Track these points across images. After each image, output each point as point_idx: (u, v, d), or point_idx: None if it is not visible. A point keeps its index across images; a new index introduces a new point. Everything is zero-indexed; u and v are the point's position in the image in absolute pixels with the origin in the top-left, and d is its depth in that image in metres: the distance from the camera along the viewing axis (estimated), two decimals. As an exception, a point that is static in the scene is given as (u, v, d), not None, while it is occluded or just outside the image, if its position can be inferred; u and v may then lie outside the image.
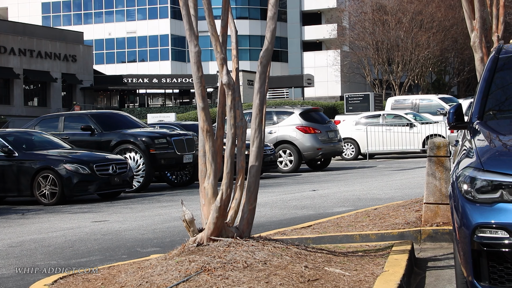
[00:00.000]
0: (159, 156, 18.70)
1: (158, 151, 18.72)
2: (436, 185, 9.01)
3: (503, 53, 6.89)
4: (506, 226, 4.93)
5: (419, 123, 28.72)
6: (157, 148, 18.72)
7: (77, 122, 19.81)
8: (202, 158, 6.97)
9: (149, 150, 18.60)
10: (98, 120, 19.60)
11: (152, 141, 18.74)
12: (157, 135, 19.05)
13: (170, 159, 18.91)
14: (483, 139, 5.61)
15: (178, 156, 19.01)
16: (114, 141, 18.94)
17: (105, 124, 19.61)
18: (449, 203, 5.66)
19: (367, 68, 64.60)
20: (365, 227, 9.29)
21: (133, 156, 18.65)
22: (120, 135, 19.03)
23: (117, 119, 20.41)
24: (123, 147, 18.75)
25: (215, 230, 6.67)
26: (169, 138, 19.02)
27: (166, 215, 13.18)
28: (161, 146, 18.83)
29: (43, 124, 20.25)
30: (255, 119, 7.03)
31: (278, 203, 14.00)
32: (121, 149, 18.71)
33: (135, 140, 18.73)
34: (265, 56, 7.03)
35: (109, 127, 19.52)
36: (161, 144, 18.86)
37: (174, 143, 19.01)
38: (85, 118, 19.74)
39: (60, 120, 20.04)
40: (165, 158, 18.81)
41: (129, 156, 18.66)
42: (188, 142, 19.45)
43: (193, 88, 7.01)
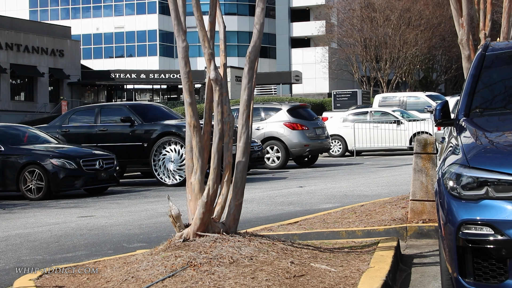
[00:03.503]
0: None
1: None
2: (423, 182, 9.04)
3: (490, 51, 6.91)
4: (491, 222, 4.95)
5: (406, 121, 28.79)
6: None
7: (114, 114, 19.25)
8: (189, 154, 6.97)
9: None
10: (138, 111, 18.96)
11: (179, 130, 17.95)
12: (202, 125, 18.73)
13: None
14: (469, 136, 5.63)
15: None
16: (156, 132, 18.20)
17: (145, 116, 18.95)
18: (435, 200, 5.68)
19: (355, 65, 64.71)
20: (351, 223, 9.31)
21: (177, 149, 17.93)
22: (163, 126, 18.22)
23: (155, 110, 19.74)
24: (165, 139, 17.99)
25: (201, 226, 6.67)
26: None
27: (153, 210, 13.17)
28: None
29: (78, 115, 19.82)
30: (243, 115, 7.03)
31: (265, 199, 14.01)
32: (164, 141, 17.98)
33: (179, 132, 17.86)
34: (253, 51, 7.03)
35: (149, 118, 18.82)
36: None
37: None
38: (124, 109, 19.11)
39: (96, 112, 19.44)
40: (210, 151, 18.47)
41: (172, 149, 17.97)
42: None
43: (181, 83, 6.99)
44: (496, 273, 4.93)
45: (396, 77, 63.13)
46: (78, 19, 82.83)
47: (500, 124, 6.13)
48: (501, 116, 6.25)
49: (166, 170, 18.06)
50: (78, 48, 71.38)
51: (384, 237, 8.31)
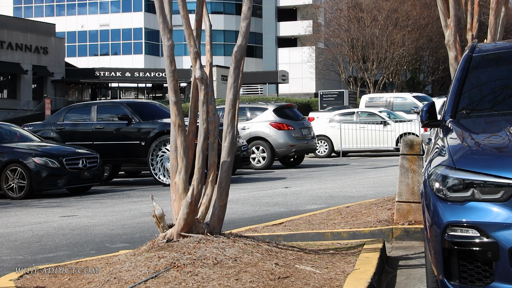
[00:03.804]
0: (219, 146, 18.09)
1: None
2: (409, 183, 9.06)
3: (477, 52, 6.93)
4: (477, 225, 4.96)
5: (393, 121, 28.87)
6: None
7: (111, 112, 19.06)
8: (173, 153, 6.96)
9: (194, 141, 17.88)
10: (135, 109, 18.77)
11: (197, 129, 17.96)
12: None
13: None
14: (456, 137, 5.64)
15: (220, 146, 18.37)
16: (155, 131, 18.02)
17: (142, 114, 18.76)
18: (421, 202, 5.69)
19: (342, 65, 64.82)
20: (337, 225, 9.32)
21: None
22: (161, 125, 18.04)
23: (152, 108, 19.57)
24: (164, 138, 17.85)
25: (185, 226, 6.66)
26: None
27: (136, 210, 13.13)
28: None
29: (73, 113, 19.62)
30: (228, 114, 7.03)
31: (250, 200, 14.00)
32: (162, 140, 17.86)
33: None
34: (239, 50, 7.02)
35: (147, 116, 18.65)
36: None
37: None
38: (121, 107, 18.93)
39: (92, 109, 19.24)
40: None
41: None
42: None
43: (166, 82, 6.99)
44: (482, 275, 4.94)
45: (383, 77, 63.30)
46: (62, 16, 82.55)
47: (486, 126, 6.15)
48: (488, 118, 6.27)
49: (164, 169, 17.93)
50: (62, 46, 71.14)
51: (369, 238, 8.32)
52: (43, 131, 19.40)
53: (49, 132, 19.26)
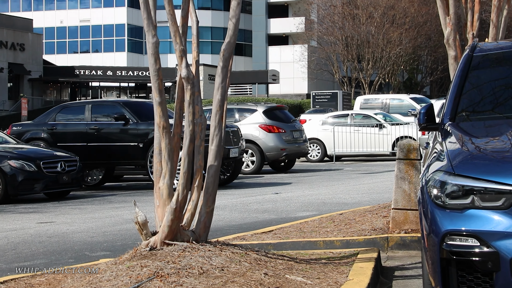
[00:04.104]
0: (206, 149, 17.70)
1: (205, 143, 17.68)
2: (405, 190, 9.08)
3: (477, 52, 6.96)
4: (477, 233, 4.97)
5: (389, 124, 28.92)
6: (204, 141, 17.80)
7: (107, 111, 18.92)
8: (157, 157, 6.96)
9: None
10: (132, 109, 18.63)
11: None
12: None
13: None
14: (455, 141, 5.66)
15: (226, 149, 18.11)
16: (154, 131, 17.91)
17: (140, 114, 18.60)
18: (418, 209, 5.70)
19: (335, 65, 64.92)
20: (329, 233, 9.33)
21: None
22: None
23: (150, 108, 19.20)
24: None
25: (169, 234, 6.65)
26: None
27: (118, 216, 13.12)
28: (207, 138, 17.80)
29: (65, 112, 19.48)
30: (215, 116, 7.03)
31: (238, 206, 14.01)
32: None
33: None
34: (227, 49, 7.03)
35: (145, 116, 18.48)
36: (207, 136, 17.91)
37: None
38: (117, 106, 18.78)
39: (86, 109, 19.09)
40: None
41: None
42: (234, 134, 18.70)
43: (150, 81, 6.99)
44: (482, 287, 4.96)
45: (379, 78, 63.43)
46: (40, 11, 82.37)
47: (487, 129, 6.17)
48: (489, 121, 6.29)
49: None
50: (40, 42, 70.97)
51: (364, 247, 8.33)
52: (33, 131, 19.29)
53: (39, 133, 19.15)
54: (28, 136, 19.34)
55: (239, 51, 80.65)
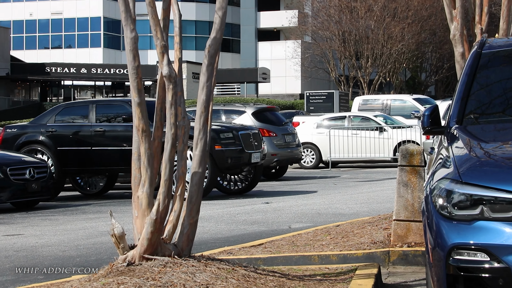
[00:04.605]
0: (226, 154, 17.58)
1: (225, 147, 17.58)
2: (408, 199, 9.09)
3: (486, 48, 6.97)
4: (486, 247, 4.97)
5: (390, 127, 28.98)
6: (223, 145, 17.57)
7: (113, 111, 18.71)
8: (136, 163, 6.95)
9: (213, 146, 17.31)
10: None
11: (217, 135, 17.50)
12: (222, 128, 17.93)
13: (237, 158, 17.80)
14: (462, 146, 5.66)
15: (246, 154, 17.95)
16: None
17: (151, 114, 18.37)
18: (422, 221, 5.71)
19: (331, 63, 65.00)
20: (325, 246, 9.33)
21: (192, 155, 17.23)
22: None
23: None
24: None
25: (149, 247, 6.64)
26: (236, 132, 17.93)
27: (93, 228, 13.09)
28: (228, 142, 17.73)
29: (67, 113, 19.22)
30: (200, 118, 7.02)
31: (225, 217, 14.00)
32: None
33: None
34: (213, 44, 7.03)
35: None
36: (227, 139, 17.72)
37: (241, 138, 17.98)
38: (125, 106, 18.44)
39: (90, 109, 18.70)
40: (232, 157, 17.66)
41: (188, 156, 17.12)
42: (254, 137, 18.49)
43: (128, 80, 6.99)
44: (491, 306, 4.96)
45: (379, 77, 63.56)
46: (7, 3, 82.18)
47: (497, 133, 6.18)
48: (499, 124, 6.30)
49: None
50: (7, 37, 70.78)
51: (362, 263, 8.34)
52: (29, 134, 19.02)
53: (36, 135, 18.81)
54: (23, 140, 18.98)
55: (226, 47, 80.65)
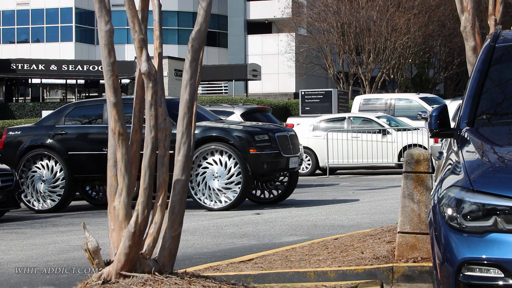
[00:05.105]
0: (262, 159, 17.50)
1: (261, 151, 17.49)
2: (414, 209, 9.10)
3: (500, 42, 6.99)
4: (500, 263, 4.98)
5: (395, 130, 29.00)
6: (259, 148, 17.45)
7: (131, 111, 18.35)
8: (112, 169, 6.94)
9: (248, 150, 17.29)
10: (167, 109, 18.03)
11: (251, 137, 17.44)
12: (257, 130, 17.82)
13: (274, 163, 17.68)
14: (474, 150, 5.68)
15: (284, 159, 17.85)
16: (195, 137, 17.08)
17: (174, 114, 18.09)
18: (429, 233, 5.72)
19: (329, 58, 65.03)
20: (322, 262, 9.34)
21: (223, 161, 17.23)
22: (204, 129, 17.57)
23: None
24: (208, 147, 17.33)
25: (127, 263, 6.63)
26: (272, 134, 17.75)
27: (64, 243, 13.07)
28: (264, 145, 17.61)
29: (78, 113, 19.04)
30: (183, 119, 7.03)
31: (211, 230, 14.00)
32: (204, 150, 17.32)
33: (227, 136, 17.36)
34: (197, 38, 7.03)
35: None
36: (263, 142, 17.57)
37: (278, 140, 17.81)
38: None
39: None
40: (269, 162, 17.56)
41: (217, 161, 17.25)
42: (292, 140, 18.29)
43: (103, 78, 6.98)
44: (506, 327, 4.98)
45: (382, 73, 63.61)
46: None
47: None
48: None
49: (209, 189, 17.30)
50: (-32, 30, 70.59)
51: (363, 280, 8.35)
52: (35, 137, 18.79)
53: (44, 138, 18.52)
54: (28, 144, 18.68)
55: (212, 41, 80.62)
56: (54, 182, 18.42)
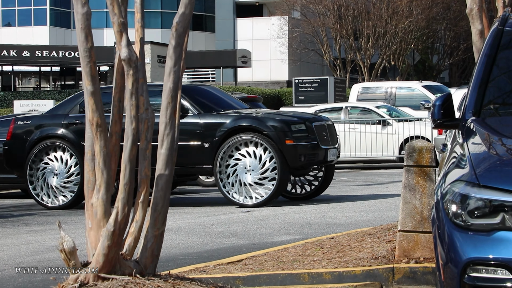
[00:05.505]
0: (299, 150, 17.28)
1: (297, 142, 17.28)
2: (416, 206, 9.12)
3: (509, 25, 6.99)
4: (508, 263, 5.00)
5: (396, 121, 29.04)
6: (295, 139, 17.27)
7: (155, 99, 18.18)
8: (89, 163, 6.94)
9: (284, 141, 17.10)
10: (191, 96, 17.96)
11: (287, 127, 17.28)
12: (293, 119, 17.70)
13: (311, 155, 17.46)
14: (480, 142, 5.69)
15: (322, 150, 17.61)
16: (225, 127, 17.30)
17: (203, 102, 18.07)
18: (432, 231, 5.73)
19: (325, 43, 65.03)
20: (316, 263, 9.35)
21: (258, 153, 17.05)
22: (235, 118, 17.46)
23: (213, 95, 18.91)
24: (240, 137, 17.15)
25: (106, 265, 6.63)
26: (309, 124, 17.57)
27: (38, 243, 13.06)
28: (300, 135, 17.42)
29: None
30: (166, 109, 7.03)
31: (197, 229, 14.00)
32: (236, 141, 17.14)
33: (260, 126, 17.16)
34: (181, 22, 7.03)
35: (208, 106, 17.99)
36: (299, 132, 17.38)
37: (315, 130, 17.64)
38: None
39: None
40: (306, 154, 17.34)
41: (251, 152, 17.08)
42: (330, 130, 18.15)
43: (80, 64, 6.97)
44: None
45: (382, 60, 63.65)
46: None
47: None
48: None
49: (240, 183, 17.12)
50: None
51: (361, 282, 8.37)
52: (46, 127, 18.48)
53: (55, 128, 18.21)
54: (39, 134, 18.33)
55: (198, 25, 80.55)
56: (67, 177, 18.08)
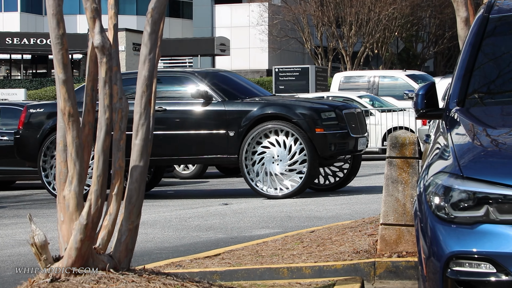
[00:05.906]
0: (329, 139, 17.13)
1: (327, 130, 17.13)
2: (399, 198, 9.14)
3: (495, 12, 7.00)
4: (492, 257, 5.00)
5: (378, 111, 29.07)
6: (326, 127, 17.10)
7: (176, 85, 18.14)
8: (62, 154, 6.92)
9: (314, 129, 16.91)
10: (215, 83, 17.79)
11: (317, 115, 17.11)
12: (323, 107, 17.50)
13: (342, 144, 17.36)
14: (464, 133, 5.70)
15: (352, 139, 17.48)
16: (252, 115, 17.14)
17: (227, 90, 17.93)
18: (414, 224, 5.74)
19: (306, 31, 65.03)
20: (296, 257, 9.37)
21: (287, 142, 16.83)
22: (262, 105, 17.31)
23: (238, 82, 18.77)
24: (267, 125, 16.95)
25: (78, 259, 6.63)
26: (339, 111, 17.40)
27: (8, 237, 13.05)
28: (331, 123, 17.27)
29: None
30: (141, 98, 7.02)
31: (173, 222, 14.00)
32: (263, 129, 16.92)
33: (289, 114, 17.00)
34: (156, 7, 7.02)
35: (233, 94, 17.82)
36: (330, 120, 17.29)
37: (346, 118, 17.47)
38: (191, 78, 17.90)
39: None
40: (336, 143, 17.21)
41: (280, 141, 16.84)
42: (359, 118, 17.97)
43: (52, 52, 6.95)
44: (498, 328, 5.01)
45: (365, 48, 63.71)
46: None
47: (507, 117, 6.22)
48: (509, 105, 6.34)
49: (266, 174, 16.99)
50: None
51: (342, 277, 8.38)
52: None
53: None
54: (51, 123, 17.86)
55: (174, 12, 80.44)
56: None
